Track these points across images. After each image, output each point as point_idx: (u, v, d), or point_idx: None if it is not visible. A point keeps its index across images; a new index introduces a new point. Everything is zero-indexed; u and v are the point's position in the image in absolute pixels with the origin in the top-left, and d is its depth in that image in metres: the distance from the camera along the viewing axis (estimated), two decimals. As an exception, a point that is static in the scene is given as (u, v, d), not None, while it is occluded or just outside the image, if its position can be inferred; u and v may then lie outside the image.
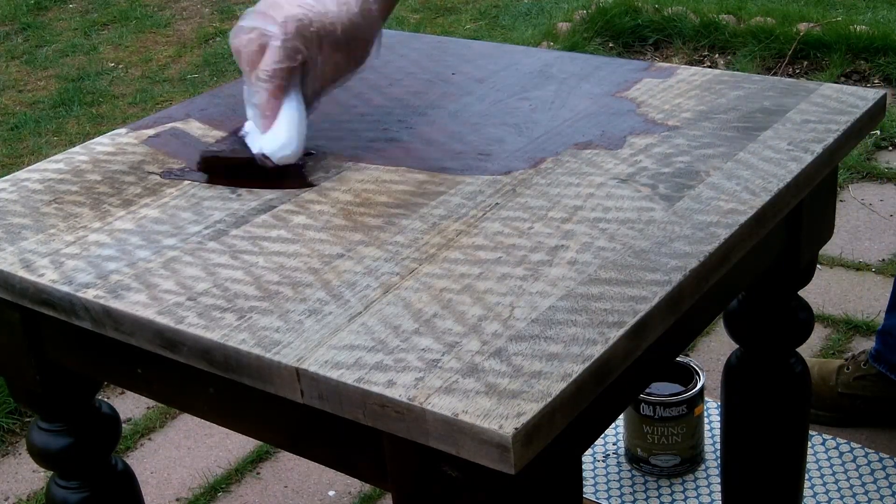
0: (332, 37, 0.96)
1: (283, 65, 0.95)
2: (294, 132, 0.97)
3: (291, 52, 0.95)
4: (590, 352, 0.71)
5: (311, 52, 0.96)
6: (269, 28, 0.95)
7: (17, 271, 0.89)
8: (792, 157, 0.96)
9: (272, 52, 0.95)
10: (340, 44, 0.97)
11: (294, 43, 0.94)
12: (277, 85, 0.96)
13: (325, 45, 0.96)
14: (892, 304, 1.70)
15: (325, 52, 0.96)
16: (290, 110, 0.97)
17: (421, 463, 0.73)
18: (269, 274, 0.85)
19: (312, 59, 0.96)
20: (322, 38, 0.95)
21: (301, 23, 0.94)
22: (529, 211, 0.91)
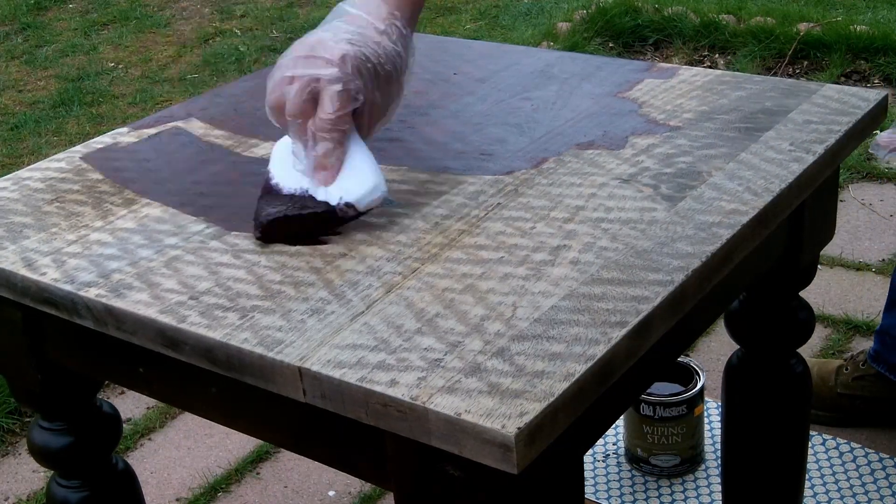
0: (384, 69, 0.88)
1: (347, 110, 0.86)
2: (378, 172, 0.89)
3: (354, 93, 0.86)
4: (592, 352, 0.71)
5: (369, 91, 0.88)
6: (323, 72, 0.86)
7: (18, 270, 0.89)
8: (794, 158, 0.96)
9: (331, 98, 0.86)
10: (392, 75, 0.89)
11: (357, 83, 0.86)
12: (342, 132, 0.87)
13: (380, 80, 0.88)
14: (889, 304, 1.70)
15: (381, 87, 0.89)
16: (359, 152, 0.89)
17: (423, 462, 0.73)
18: (272, 273, 0.85)
19: (370, 98, 0.88)
20: (378, 74, 0.88)
21: (359, 60, 0.86)
22: (531, 211, 0.91)
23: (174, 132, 1.14)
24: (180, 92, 3.61)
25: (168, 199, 0.99)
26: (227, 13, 4.44)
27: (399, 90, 0.92)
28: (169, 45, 4.13)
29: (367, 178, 0.88)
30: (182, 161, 1.07)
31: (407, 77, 0.92)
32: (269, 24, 4.23)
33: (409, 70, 0.92)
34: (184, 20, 4.43)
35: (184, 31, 4.29)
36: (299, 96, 0.86)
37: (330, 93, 0.86)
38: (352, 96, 0.86)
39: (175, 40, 4.18)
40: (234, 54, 3.91)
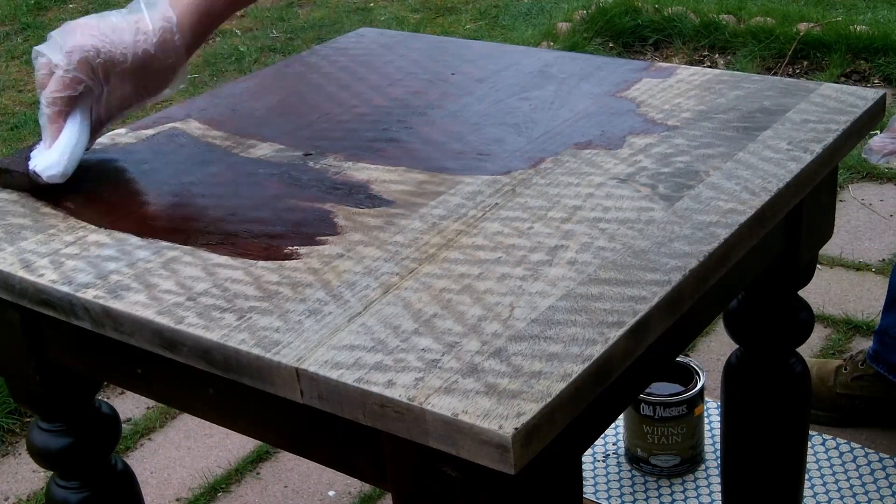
0: (120, 67, 0.99)
1: (63, 94, 0.98)
2: (65, 154, 1.00)
3: (72, 82, 0.98)
4: (590, 352, 0.71)
5: (96, 82, 0.99)
6: (54, 57, 0.99)
7: (16, 271, 0.89)
8: (792, 157, 0.96)
9: (54, 80, 0.99)
10: (128, 75, 1.00)
11: (75, 74, 0.98)
12: (56, 111, 0.99)
13: (112, 75, 0.99)
14: (888, 304, 1.70)
15: (112, 83, 1.00)
16: (67, 133, 1.00)
17: (421, 463, 0.73)
18: (269, 274, 0.85)
19: (98, 89, 1.00)
20: (109, 70, 0.99)
21: (87, 54, 0.97)
22: (529, 211, 0.91)
23: (172, 133, 1.14)
24: (180, 92, 3.62)
25: (167, 200, 0.99)
26: (228, 13, 4.43)
27: (144, 89, 1.03)
28: (169, 46, 4.12)
29: (52, 155, 1.01)
30: (180, 162, 1.07)
31: (177, 79, 1.04)
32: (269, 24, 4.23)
33: (180, 73, 1.03)
34: (184, 20, 4.42)
35: (184, 31, 4.28)
36: (40, 71, 1.00)
37: (55, 76, 0.99)
38: (68, 84, 0.98)
39: (175, 41, 4.18)
40: (233, 54, 3.91)
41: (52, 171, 1.00)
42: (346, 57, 1.32)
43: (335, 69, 1.28)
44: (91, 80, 0.99)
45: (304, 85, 1.25)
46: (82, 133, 1.02)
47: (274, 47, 3.94)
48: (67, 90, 0.99)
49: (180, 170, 1.05)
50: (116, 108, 1.03)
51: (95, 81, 0.99)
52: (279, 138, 1.10)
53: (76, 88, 0.99)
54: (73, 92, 0.99)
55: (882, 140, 1.20)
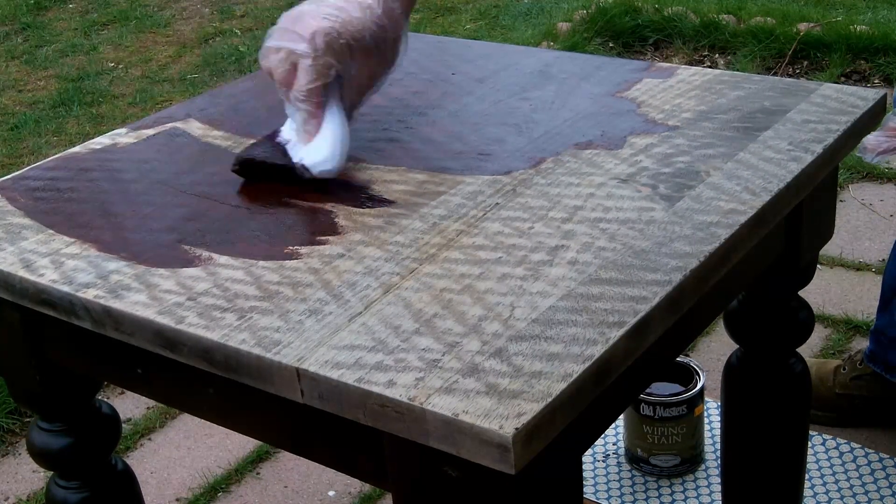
0: (361, 44, 0.94)
1: (318, 83, 0.94)
2: (337, 147, 0.96)
3: (324, 68, 0.93)
4: (590, 352, 0.71)
5: (344, 64, 0.95)
6: (297, 47, 0.93)
7: (17, 271, 0.89)
8: (792, 158, 0.96)
9: (304, 71, 0.93)
10: (371, 49, 0.95)
11: (325, 59, 0.93)
12: (316, 103, 0.95)
13: (356, 53, 0.95)
14: (881, 304, 1.70)
15: (358, 61, 0.95)
16: (331, 124, 0.96)
17: (421, 463, 0.73)
18: (269, 274, 0.85)
19: (346, 71, 0.95)
20: (352, 48, 0.94)
21: (329, 36, 0.93)
22: (530, 211, 0.91)
23: (173, 133, 1.14)
24: (180, 92, 3.61)
25: (167, 200, 0.99)
26: (227, 13, 4.44)
27: (383, 62, 0.98)
28: (169, 45, 4.13)
29: (324, 149, 0.96)
30: (180, 161, 1.07)
31: (401, 48, 0.99)
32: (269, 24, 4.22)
33: (403, 41, 0.98)
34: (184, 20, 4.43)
35: (184, 31, 4.29)
36: (281, 67, 0.95)
37: (303, 67, 0.94)
38: (322, 71, 0.93)
39: (175, 40, 4.18)
40: (234, 54, 3.91)
41: (327, 165, 0.96)
42: (347, 57, 1.32)
43: (335, 69, 1.28)
44: (340, 62, 0.94)
45: (304, 85, 1.24)
46: (343, 121, 0.98)
47: (274, 47, 3.94)
48: (321, 78, 0.94)
49: (181, 169, 1.05)
50: (366, 88, 0.99)
51: (344, 64, 0.94)
52: (279, 138, 1.10)
53: (329, 74, 0.94)
54: (326, 79, 0.94)
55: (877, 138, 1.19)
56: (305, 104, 0.95)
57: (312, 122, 0.96)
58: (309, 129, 0.96)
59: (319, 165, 0.96)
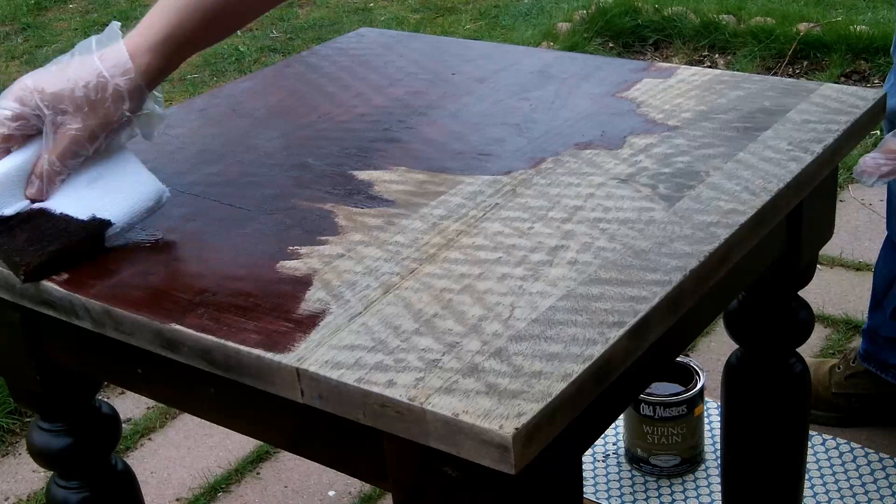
0: (64, 95, 0.88)
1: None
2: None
3: (11, 118, 0.89)
4: (590, 352, 0.71)
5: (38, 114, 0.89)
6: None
7: (17, 271, 0.89)
8: (792, 158, 0.96)
9: None
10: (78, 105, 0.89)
11: (13, 108, 0.89)
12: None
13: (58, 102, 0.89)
14: (873, 304, 1.70)
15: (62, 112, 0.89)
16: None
17: (421, 463, 0.73)
18: (269, 274, 0.85)
19: (40, 122, 0.90)
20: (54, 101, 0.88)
21: (25, 88, 0.89)
22: (530, 211, 0.91)
23: (173, 132, 1.14)
24: (180, 92, 3.61)
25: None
26: (228, 13, 4.44)
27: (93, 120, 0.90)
28: (169, 46, 4.12)
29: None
30: (180, 161, 1.07)
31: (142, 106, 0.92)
32: (269, 24, 4.23)
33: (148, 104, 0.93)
34: (184, 20, 4.42)
35: (184, 31, 4.29)
36: None
37: None
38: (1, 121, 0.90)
39: (175, 40, 4.18)
40: (234, 54, 3.91)
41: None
42: (346, 57, 1.32)
43: (335, 69, 1.28)
44: (32, 113, 0.89)
45: (304, 85, 1.25)
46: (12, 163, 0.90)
47: (274, 47, 3.94)
48: (2, 128, 0.90)
49: (181, 169, 1.05)
50: (67, 144, 0.90)
51: (37, 114, 0.89)
52: (279, 138, 1.10)
53: (14, 127, 0.89)
54: (5, 130, 0.89)
55: (874, 161, 1.15)
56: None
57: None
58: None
59: None
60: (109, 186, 0.91)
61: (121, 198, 0.91)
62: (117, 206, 0.91)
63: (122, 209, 0.91)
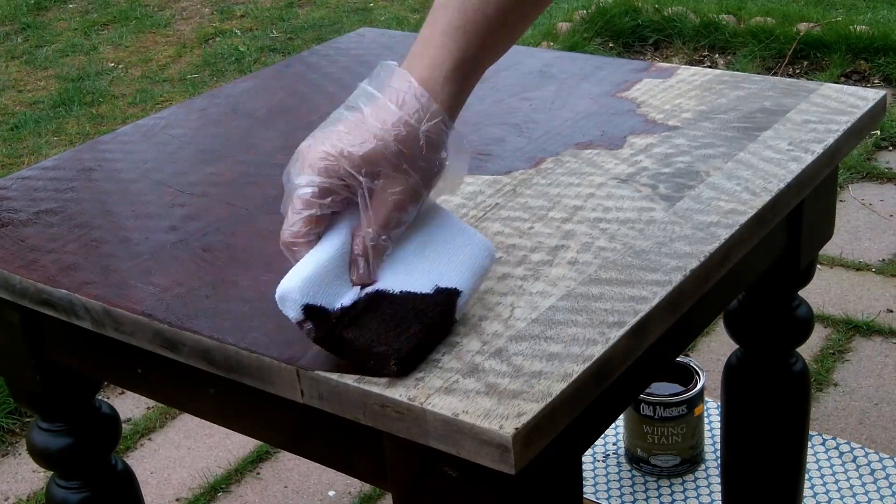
0: (376, 154, 0.73)
1: (305, 214, 0.74)
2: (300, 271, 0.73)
3: (318, 195, 0.74)
4: (590, 352, 0.71)
5: (353, 183, 0.73)
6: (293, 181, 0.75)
7: (17, 271, 0.89)
8: (792, 158, 0.96)
9: (291, 206, 0.75)
10: (394, 161, 0.73)
11: (320, 183, 0.73)
12: (304, 242, 0.75)
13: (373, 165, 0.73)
14: None
15: (377, 175, 0.74)
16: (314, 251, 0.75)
17: (421, 463, 0.73)
18: (269, 274, 0.85)
19: (356, 193, 0.74)
20: (361, 160, 0.73)
21: (329, 157, 0.73)
22: (530, 211, 0.91)
23: (173, 133, 1.14)
24: (180, 92, 3.61)
25: (166, 200, 0.99)
26: (227, 13, 4.44)
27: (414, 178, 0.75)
28: (169, 45, 4.13)
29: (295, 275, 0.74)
30: (181, 161, 1.07)
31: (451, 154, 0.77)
32: (269, 24, 4.23)
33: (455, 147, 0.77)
34: (184, 20, 4.43)
35: (184, 31, 4.29)
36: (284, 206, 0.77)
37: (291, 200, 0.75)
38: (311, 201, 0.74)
39: (175, 40, 4.18)
40: (234, 54, 3.91)
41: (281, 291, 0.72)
42: (346, 57, 1.32)
43: (335, 69, 1.28)
44: (341, 184, 0.73)
45: (304, 85, 1.25)
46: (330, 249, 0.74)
47: (274, 47, 3.94)
48: (310, 209, 0.73)
49: (181, 169, 1.05)
50: (389, 210, 0.74)
51: (347, 184, 0.73)
52: (279, 138, 1.10)
53: (323, 205, 0.73)
54: (317, 212, 0.73)
55: None
56: (289, 249, 0.76)
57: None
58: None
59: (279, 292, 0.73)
60: (441, 251, 0.77)
61: (457, 261, 0.76)
62: (457, 272, 0.76)
63: (463, 274, 0.76)
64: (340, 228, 0.75)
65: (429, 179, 0.75)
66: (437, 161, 0.75)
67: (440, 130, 0.74)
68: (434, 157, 0.75)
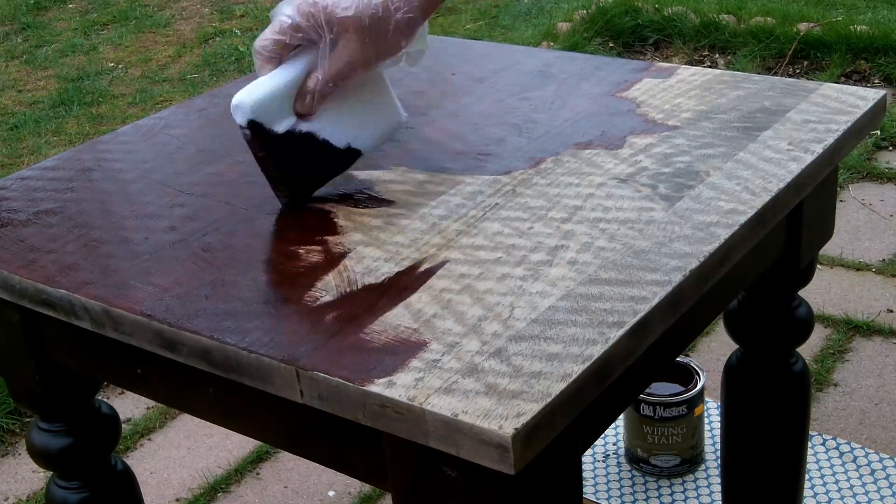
0: (347, 21, 0.90)
1: (275, 37, 0.91)
2: (258, 89, 0.90)
3: (289, 28, 0.91)
4: (590, 352, 0.71)
5: (318, 32, 0.91)
6: (284, 10, 0.92)
7: (16, 271, 0.89)
8: (792, 157, 0.96)
9: (270, 25, 0.92)
10: (356, 30, 0.90)
11: (294, 20, 0.91)
12: (266, 56, 0.92)
13: (337, 27, 0.90)
14: None
15: (337, 36, 0.91)
16: (270, 74, 0.92)
17: (421, 463, 0.73)
18: (269, 275, 0.85)
19: (320, 41, 0.92)
20: (331, 20, 0.90)
21: (311, 4, 0.90)
22: (529, 211, 0.91)
23: (173, 132, 1.14)
24: (180, 92, 3.61)
25: (166, 200, 0.99)
26: (227, 13, 4.44)
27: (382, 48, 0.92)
28: (169, 45, 4.13)
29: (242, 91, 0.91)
30: (181, 161, 1.07)
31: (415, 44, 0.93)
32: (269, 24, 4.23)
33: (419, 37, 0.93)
34: (184, 20, 4.43)
35: (184, 31, 4.29)
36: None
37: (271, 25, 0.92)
38: (285, 30, 0.91)
39: (175, 40, 4.18)
40: (233, 54, 3.91)
41: (235, 101, 0.90)
42: (347, 57, 1.32)
43: (335, 69, 1.28)
44: (313, 29, 0.90)
45: (304, 85, 1.24)
46: (285, 77, 0.91)
47: (274, 47, 3.94)
48: (282, 35, 0.91)
49: (181, 169, 1.05)
50: (342, 67, 0.92)
51: (318, 31, 0.90)
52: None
53: (293, 36, 0.91)
54: (286, 39, 0.91)
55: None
56: (259, 54, 0.92)
57: (262, 74, 0.93)
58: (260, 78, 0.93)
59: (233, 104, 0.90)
60: (367, 115, 0.93)
61: (372, 126, 0.92)
62: (368, 136, 0.92)
63: (372, 139, 0.92)
64: (298, 64, 0.91)
65: (383, 57, 0.92)
66: (398, 48, 0.91)
67: (412, 24, 0.90)
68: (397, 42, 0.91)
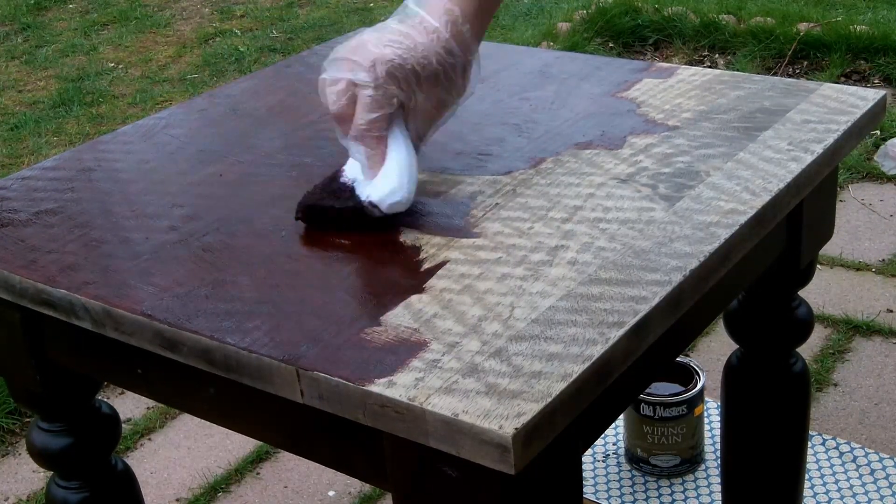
0: (427, 71, 0.87)
1: (378, 113, 0.88)
2: (404, 177, 0.89)
3: (385, 98, 0.87)
4: (590, 352, 0.71)
5: (408, 93, 0.88)
6: (357, 76, 0.87)
7: (17, 271, 0.89)
8: (792, 158, 0.96)
9: (364, 104, 0.87)
10: (438, 76, 0.88)
11: (387, 88, 0.87)
12: (377, 137, 0.88)
13: (422, 81, 0.88)
14: None
15: (424, 90, 0.88)
16: (396, 154, 0.89)
17: (421, 463, 0.73)
18: (269, 275, 0.85)
19: (411, 100, 0.89)
20: (418, 75, 0.87)
21: (392, 63, 0.86)
22: (530, 211, 0.91)
23: (174, 132, 1.15)
24: (180, 92, 3.62)
25: (166, 200, 0.99)
26: (227, 13, 4.45)
27: (452, 90, 0.90)
28: (169, 45, 4.13)
29: (391, 181, 0.89)
30: (181, 161, 1.07)
31: (473, 73, 0.91)
32: (269, 24, 4.23)
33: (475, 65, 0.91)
34: (184, 20, 4.43)
35: (184, 31, 4.29)
36: (338, 101, 0.89)
37: (362, 98, 0.88)
38: (383, 102, 0.87)
39: (175, 40, 4.18)
40: (233, 54, 3.91)
41: (395, 197, 0.88)
42: (347, 57, 1.32)
43: (335, 69, 1.28)
44: (404, 91, 0.87)
45: (304, 85, 1.25)
46: (410, 151, 0.90)
47: (274, 47, 3.95)
48: (383, 109, 0.87)
49: (182, 169, 1.05)
50: (433, 117, 0.91)
51: (408, 93, 0.87)
52: (279, 138, 1.10)
53: (392, 104, 0.87)
54: (389, 109, 0.87)
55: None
56: (367, 136, 0.88)
57: (375, 157, 0.89)
58: (373, 164, 0.89)
59: (388, 199, 0.88)
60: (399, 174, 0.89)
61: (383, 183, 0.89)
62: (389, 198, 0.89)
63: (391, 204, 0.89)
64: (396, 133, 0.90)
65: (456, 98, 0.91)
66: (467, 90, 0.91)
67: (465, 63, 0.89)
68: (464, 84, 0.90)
